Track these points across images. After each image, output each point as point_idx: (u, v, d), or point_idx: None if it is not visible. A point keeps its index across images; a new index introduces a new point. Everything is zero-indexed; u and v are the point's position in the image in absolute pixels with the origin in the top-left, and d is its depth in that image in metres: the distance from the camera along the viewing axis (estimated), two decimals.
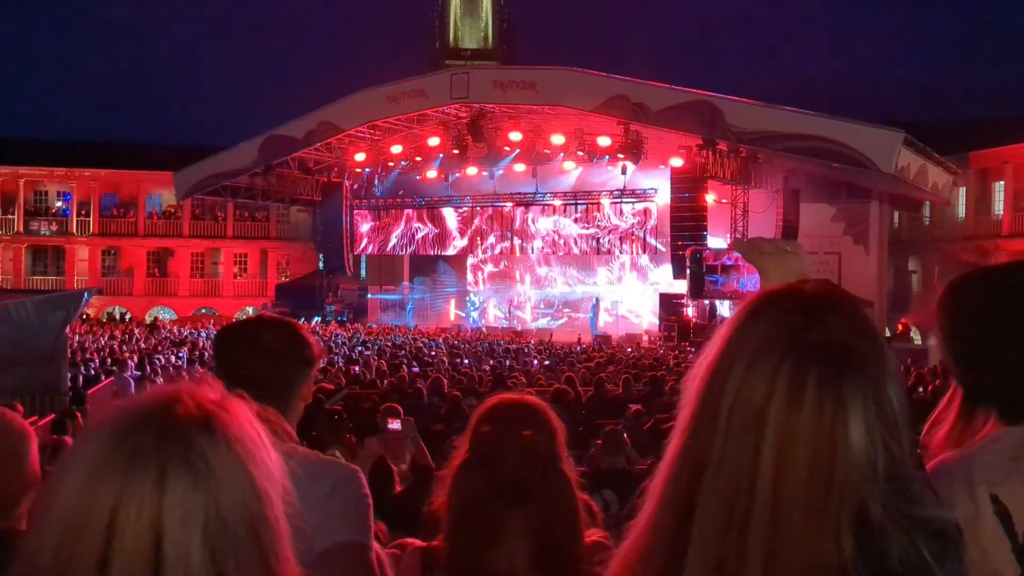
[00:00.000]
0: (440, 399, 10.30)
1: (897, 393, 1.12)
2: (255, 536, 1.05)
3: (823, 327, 1.13)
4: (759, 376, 1.10)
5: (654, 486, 1.20)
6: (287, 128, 31.93)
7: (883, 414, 1.10)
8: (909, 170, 24.00)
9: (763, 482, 1.07)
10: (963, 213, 32.70)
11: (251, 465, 1.07)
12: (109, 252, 41.48)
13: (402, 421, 5.77)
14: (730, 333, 1.16)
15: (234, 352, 2.22)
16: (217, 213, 41.32)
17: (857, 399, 1.08)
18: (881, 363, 1.13)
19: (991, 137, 30.26)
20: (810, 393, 1.08)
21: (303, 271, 39.18)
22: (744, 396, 1.10)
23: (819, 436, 1.07)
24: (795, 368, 1.09)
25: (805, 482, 1.06)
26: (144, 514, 0.99)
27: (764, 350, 1.12)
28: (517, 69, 30.98)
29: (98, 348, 19.56)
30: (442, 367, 15.26)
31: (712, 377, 1.15)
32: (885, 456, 1.09)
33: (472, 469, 1.92)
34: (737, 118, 24.10)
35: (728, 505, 1.09)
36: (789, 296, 1.19)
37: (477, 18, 73.15)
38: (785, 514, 1.06)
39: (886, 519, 1.07)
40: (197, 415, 1.06)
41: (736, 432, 1.10)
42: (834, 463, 1.07)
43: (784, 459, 1.07)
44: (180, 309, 40.30)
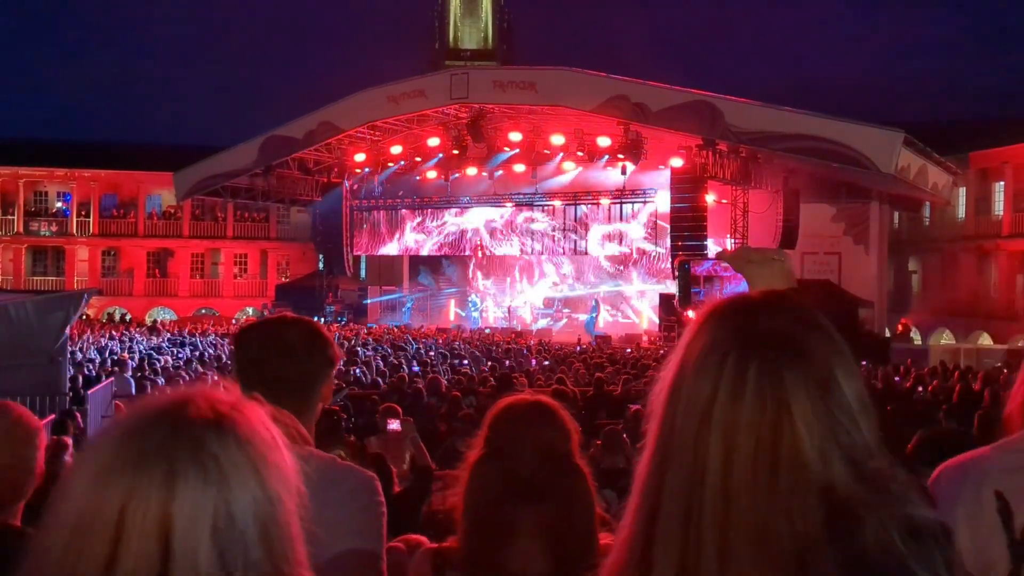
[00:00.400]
0: (439, 399, 10.31)
1: (851, 383, 1.13)
2: (265, 537, 1.04)
3: (766, 321, 1.15)
4: (705, 374, 1.13)
5: (631, 498, 1.21)
6: (287, 128, 31.93)
7: (834, 401, 1.11)
8: (909, 170, 24.00)
9: (712, 475, 1.09)
10: (963, 213, 32.70)
11: (263, 467, 1.06)
12: (109, 252, 41.50)
13: (401, 421, 5.78)
14: (685, 343, 1.20)
15: (255, 351, 2.18)
16: (217, 213, 41.32)
17: (799, 386, 1.10)
18: (829, 353, 1.14)
19: (991, 137, 30.28)
20: (751, 383, 1.10)
21: (303, 271, 39.19)
22: (693, 395, 1.13)
23: (762, 424, 1.09)
24: (737, 361, 1.12)
25: (751, 470, 1.08)
26: (152, 513, 0.99)
27: (710, 350, 1.14)
28: (517, 69, 30.98)
29: (99, 348, 19.56)
30: (440, 367, 15.26)
31: (671, 387, 1.18)
32: (845, 440, 1.10)
33: (488, 468, 1.92)
34: (737, 118, 24.10)
35: (684, 501, 1.11)
36: (737, 300, 1.22)
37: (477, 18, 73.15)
38: (735, 502, 1.08)
39: (859, 507, 1.08)
40: (209, 416, 1.06)
41: (687, 429, 1.13)
42: (778, 449, 1.08)
43: (730, 449, 1.09)
44: (180, 310, 40.31)
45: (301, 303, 33.89)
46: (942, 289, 32.23)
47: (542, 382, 13.15)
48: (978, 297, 31.16)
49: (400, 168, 34.27)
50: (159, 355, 18.07)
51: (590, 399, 11.15)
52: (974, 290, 31.29)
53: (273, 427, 1.13)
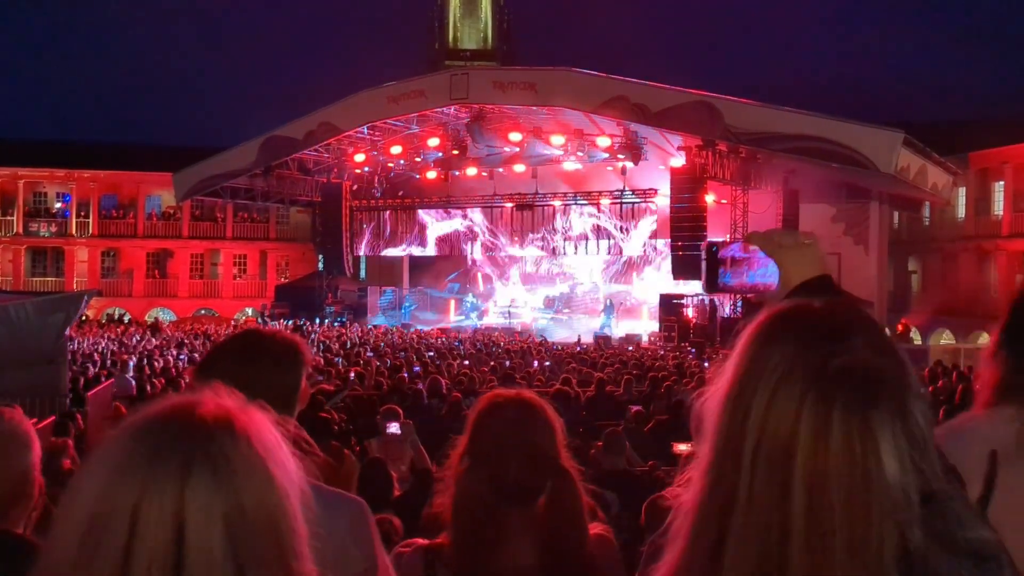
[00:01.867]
0: (440, 400, 10.30)
1: (923, 411, 1.08)
2: (275, 532, 1.07)
3: (844, 352, 1.07)
4: (782, 410, 1.05)
5: (679, 524, 1.15)
6: (287, 129, 31.92)
7: (911, 436, 1.05)
8: (909, 170, 23.99)
9: (796, 522, 1.02)
10: (963, 213, 32.70)
11: (271, 464, 1.09)
12: (108, 253, 41.47)
13: (401, 424, 5.77)
14: (744, 360, 1.11)
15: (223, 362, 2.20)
16: (216, 214, 41.30)
17: (885, 426, 1.03)
18: (906, 383, 1.08)
19: (991, 137, 30.28)
20: (837, 425, 1.03)
21: (303, 272, 39.17)
22: (769, 432, 1.05)
23: (852, 471, 1.02)
24: (819, 399, 1.04)
25: (842, 518, 1.01)
26: (167, 509, 1.01)
27: (785, 381, 1.06)
28: (516, 70, 30.97)
29: (98, 349, 19.55)
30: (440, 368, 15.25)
31: (731, 409, 1.10)
32: (918, 479, 1.05)
33: (475, 471, 1.92)
34: (737, 119, 24.09)
35: (761, 546, 1.04)
36: (804, 317, 1.13)
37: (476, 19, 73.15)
38: (825, 553, 1.01)
39: (927, 546, 1.03)
40: (219, 415, 1.09)
41: (763, 470, 1.05)
42: (870, 496, 1.02)
43: (817, 496, 1.02)
44: (180, 310, 40.30)
45: (301, 304, 33.90)
46: (942, 289, 32.23)
47: (542, 382, 13.15)
48: (978, 297, 31.14)
49: (400, 168, 34.25)
50: (160, 356, 18.06)
51: (591, 400, 11.14)
52: (974, 290, 31.28)
53: (277, 430, 1.15)
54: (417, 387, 11.27)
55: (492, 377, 13.48)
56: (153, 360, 16.77)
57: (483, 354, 20.19)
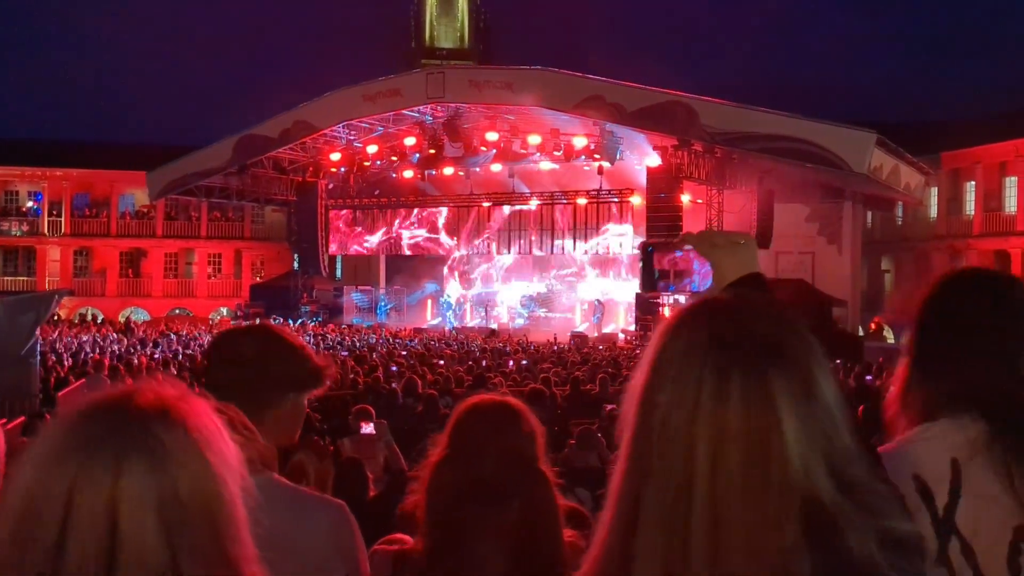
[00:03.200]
0: (415, 399, 10.27)
1: (829, 384, 1.12)
2: (211, 519, 1.07)
3: (742, 325, 1.13)
4: (685, 383, 1.10)
5: (605, 509, 1.19)
6: (262, 128, 31.73)
7: (817, 405, 1.09)
8: (882, 170, 24.21)
9: (700, 485, 1.07)
10: (935, 213, 33.04)
11: (208, 452, 1.09)
12: (81, 253, 41.05)
13: (375, 423, 5.75)
14: (656, 350, 1.16)
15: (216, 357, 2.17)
16: (191, 213, 40.99)
17: (785, 391, 1.07)
18: (809, 355, 1.12)
19: (962, 138, 30.60)
20: (736, 390, 1.07)
21: (278, 271, 38.95)
22: (674, 403, 1.10)
23: (750, 432, 1.06)
24: (719, 368, 1.09)
25: (741, 479, 1.05)
26: (100, 495, 1.01)
27: (687, 358, 1.11)
28: (493, 69, 30.98)
29: (70, 350, 19.34)
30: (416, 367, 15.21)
31: (642, 392, 1.15)
32: (826, 445, 1.08)
33: (450, 468, 1.90)
34: (712, 118, 24.21)
35: (668, 513, 1.08)
36: (707, 304, 1.19)
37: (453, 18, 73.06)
38: (725, 513, 1.05)
39: (839, 518, 1.06)
40: (155, 404, 1.10)
41: (670, 440, 1.10)
42: (769, 456, 1.06)
43: (718, 459, 1.06)
44: (153, 310, 39.94)
45: (276, 303, 33.73)
46: (915, 288, 32.49)
47: (518, 381, 13.14)
48: None
49: (376, 167, 34.14)
50: (132, 355, 17.89)
51: (567, 398, 11.15)
52: None
53: (217, 417, 1.15)
54: (392, 387, 11.23)
55: (468, 377, 13.46)
56: (126, 360, 16.61)
57: (459, 353, 20.16)
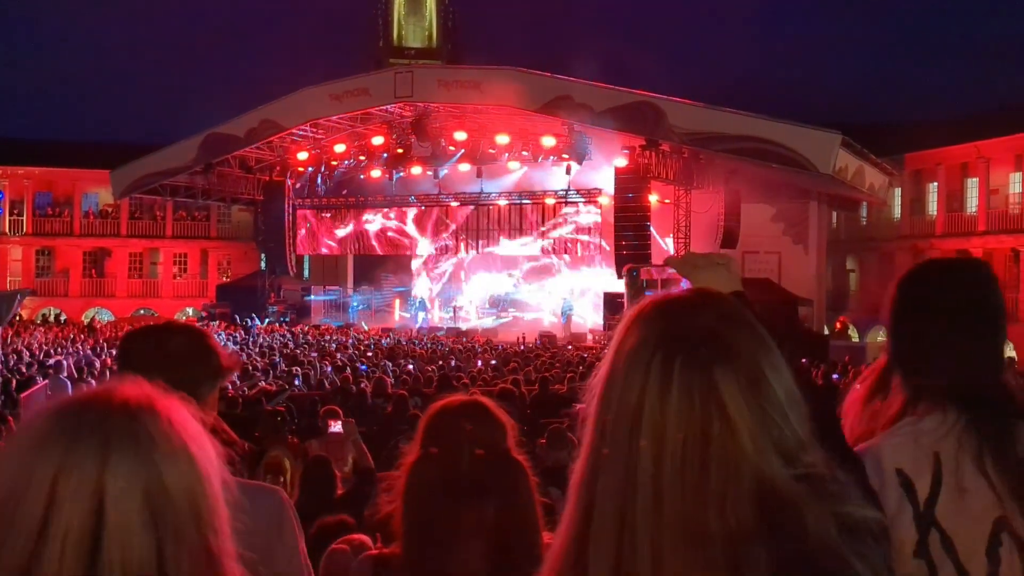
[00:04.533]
0: (385, 400, 10.24)
1: (779, 377, 1.14)
2: (194, 509, 1.08)
3: (689, 319, 1.16)
4: (633, 375, 1.13)
5: (567, 502, 1.21)
6: (227, 126, 31.43)
7: (764, 396, 1.11)
8: (847, 171, 24.48)
9: (643, 474, 1.10)
10: (899, 213, 33.48)
11: (192, 444, 1.10)
12: (43, 252, 40.45)
13: (343, 423, 5.72)
14: (614, 346, 1.20)
15: (138, 358, 2.15)
16: (156, 212, 40.51)
17: (730, 381, 1.10)
18: (756, 348, 1.15)
19: (925, 140, 31.02)
20: (677, 379, 1.10)
21: (245, 271, 38.61)
22: (624, 398, 1.13)
23: (691, 421, 1.09)
24: (663, 360, 1.12)
25: (680, 467, 1.08)
26: (86, 483, 1.02)
27: (637, 350, 1.15)
28: (461, 68, 30.95)
29: (32, 350, 19.06)
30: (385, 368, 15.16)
31: (600, 386, 1.19)
32: (777, 435, 1.11)
33: (426, 467, 1.90)
34: (679, 119, 24.35)
35: (618, 503, 1.11)
36: (662, 300, 1.22)
37: (421, 17, 72.88)
38: (666, 501, 1.08)
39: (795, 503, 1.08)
40: (140, 397, 1.10)
41: (617, 431, 1.13)
42: (708, 445, 1.08)
43: (659, 448, 1.09)
44: (118, 310, 39.45)
45: (242, 303, 33.42)
46: (879, 287, 32.89)
47: (487, 381, 13.13)
48: None
49: (344, 167, 33.96)
50: (96, 356, 17.67)
51: (536, 398, 11.18)
52: None
53: (198, 418, 1.16)
54: (361, 387, 11.20)
55: (437, 377, 13.44)
56: (89, 361, 16.40)
57: (428, 353, 20.12)
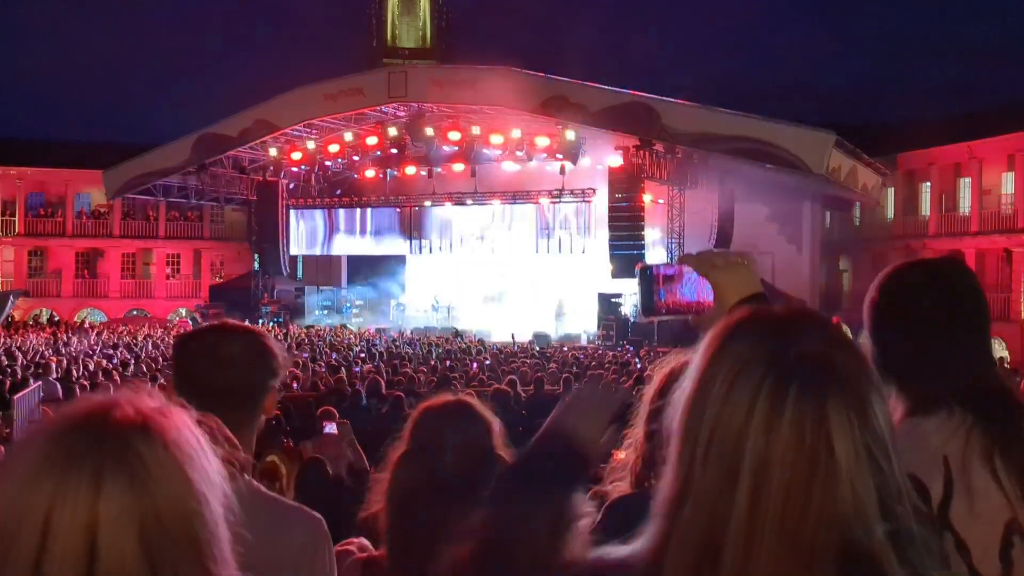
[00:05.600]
0: (379, 401, 10.23)
1: (883, 409, 1.07)
2: (192, 537, 1.05)
3: (802, 343, 1.07)
4: (738, 400, 1.04)
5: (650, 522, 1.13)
6: (221, 126, 31.36)
7: (870, 430, 1.04)
8: (840, 171, 24.53)
9: (738, 512, 1.01)
10: (892, 214, 33.53)
11: (189, 468, 1.07)
12: (36, 253, 40.29)
13: (338, 424, 5.71)
14: (706, 360, 1.10)
15: (195, 361, 2.11)
16: (149, 213, 40.36)
17: (841, 414, 1.02)
18: (865, 377, 1.07)
19: (918, 140, 31.07)
20: (789, 410, 1.01)
21: (238, 272, 38.50)
22: (723, 422, 1.04)
23: (798, 457, 1.00)
24: (775, 387, 1.03)
25: (781, 509, 0.99)
26: (79, 514, 0.99)
27: (742, 373, 1.05)
28: (455, 68, 30.91)
29: (24, 352, 18.99)
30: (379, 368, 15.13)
31: (693, 403, 1.09)
32: (877, 479, 1.03)
33: (411, 464, 1.91)
34: (673, 119, 24.38)
35: (702, 540, 1.03)
36: (763, 317, 1.14)
37: (415, 16, 72.77)
38: (758, 546, 0.99)
39: (879, 562, 1.01)
40: (135, 418, 1.07)
41: (714, 460, 1.04)
42: (812, 487, 1.00)
43: (761, 484, 1.00)
44: (110, 311, 39.31)
45: (236, 304, 33.29)
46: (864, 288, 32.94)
47: (483, 381, 13.13)
48: None
49: (338, 167, 33.88)
50: (89, 357, 17.61)
51: (531, 399, 11.17)
52: None
53: (199, 431, 1.13)
54: (356, 387, 11.18)
55: (432, 378, 13.43)
56: (81, 362, 16.34)
57: (423, 354, 20.10)
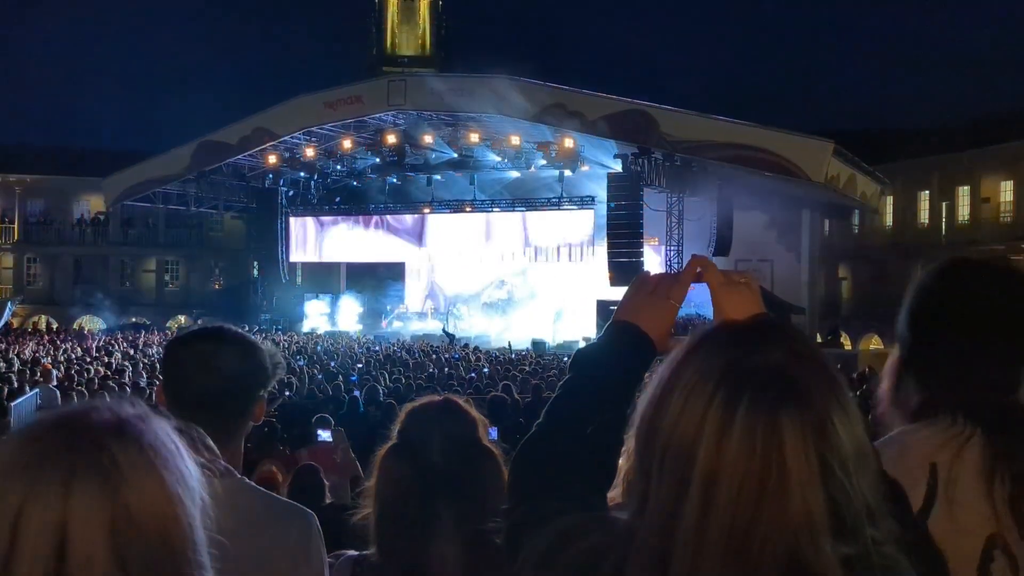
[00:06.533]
0: (377, 408, 10.22)
1: (848, 424, 1.01)
2: (166, 541, 1.04)
3: (759, 354, 1.03)
4: (692, 410, 1.01)
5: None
6: (221, 134, 31.39)
7: (828, 443, 0.99)
8: (839, 179, 24.56)
9: (687, 522, 0.98)
10: (891, 221, 33.56)
11: (164, 472, 1.06)
12: (34, 260, 40.33)
13: (332, 431, 5.71)
14: (667, 372, 1.08)
15: (183, 366, 2.09)
16: (148, 220, 40.43)
17: (795, 425, 0.98)
18: (827, 390, 1.02)
19: (917, 148, 31.12)
20: (740, 420, 0.98)
21: (237, 279, 38.52)
22: (677, 433, 1.02)
23: (749, 466, 0.97)
24: (727, 397, 1.00)
25: (730, 520, 0.97)
26: (49, 515, 0.98)
27: (698, 384, 1.03)
28: (454, 76, 30.95)
29: (23, 358, 18.98)
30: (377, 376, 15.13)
31: (649, 416, 1.07)
32: (835, 492, 0.98)
33: (397, 458, 1.93)
34: (672, 127, 24.41)
35: (654, 550, 1.01)
36: (724, 328, 1.12)
37: (414, 25, 72.91)
38: (706, 556, 0.97)
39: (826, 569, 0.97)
40: (110, 421, 1.06)
41: (668, 471, 1.01)
42: (762, 497, 0.97)
43: (710, 494, 0.98)
44: (109, 318, 39.29)
45: (235, 311, 33.32)
46: (871, 295, 32.98)
47: (480, 388, 13.12)
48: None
49: (337, 174, 33.90)
50: (87, 364, 17.61)
51: (529, 405, 11.16)
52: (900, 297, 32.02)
53: (177, 437, 1.12)
54: (354, 395, 11.17)
55: (429, 384, 13.42)
56: (79, 369, 16.34)
57: (420, 361, 20.08)
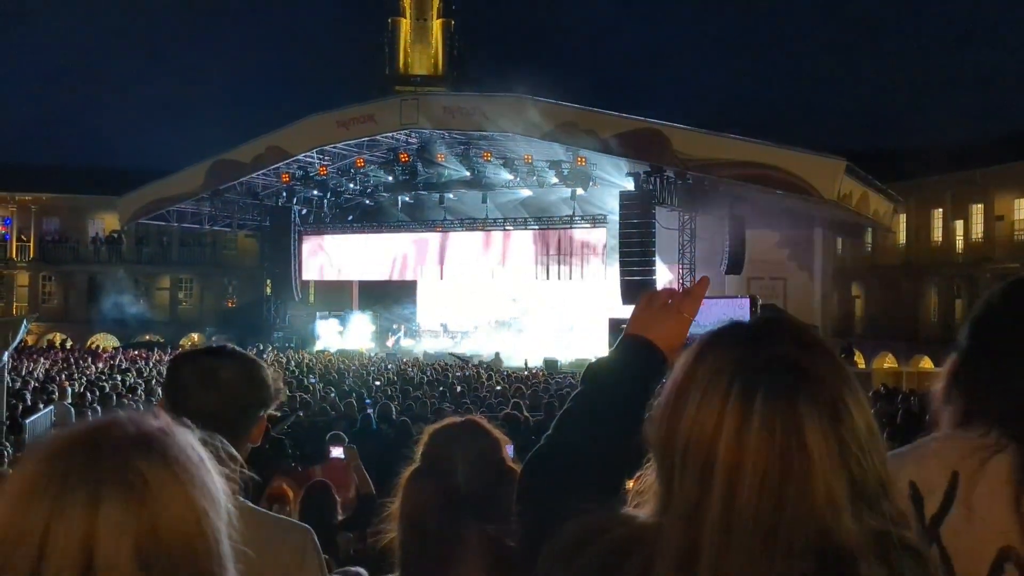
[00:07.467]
0: (389, 426, 10.22)
1: (860, 409, 1.06)
2: (192, 555, 1.03)
3: (769, 347, 1.08)
4: (710, 404, 1.05)
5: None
6: (234, 153, 31.58)
7: (844, 426, 1.04)
8: (851, 197, 24.50)
9: (713, 514, 1.01)
10: (904, 240, 33.43)
11: (190, 485, 1.05)
12: (49, 278, 40.57)
13: (344, 448, 5.71)
14: (681, 373, 1.12)
15: (184, 382, 2.12)
16: (161, 238, 40.64)
17: (812, 411, 1.02)
18: (838, 376, 1.07)
19: (930, 166, 31.04)
20: (759, 411, 1.02)
21: (250, 297, 38.65)
22: (697, 429, 1.05)
23: (770, 455, 1.01)
24: (743, 390, 1.04)
25: (755, 508, 1.00)
26: (75, 532, 0.98)
27: (713, 381, 1.07)
28: (467, 96, 31.06)
29: (37, 376, 19.07)
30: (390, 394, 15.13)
31: (669, 420, 1.10)
32: (858, 473, 1.03)
33: (422, 480, 1.89)
34: (684, 145, 24.42)
35: (680, 547, 1.03)
36: (733, 328, 1.15)
37: (427, 45, 73.36)
38: (734, 545, 1.00)
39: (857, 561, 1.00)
40: (135, 435, 1.05)
41: (690, 468, 1.05)
42: (785, 483, 1.00)
43: (734, 485, 1.01)
44: (123, 336, 39.48)
45: (248, 329, 33.41)
46: (884, 313, 32.84)
47: (492, 407, 13.09)
48: (918, 322, 31.80)
49: (350, 193, 34.03)
50: (102, 382, 17.67)
51: (540, 424, 11.13)
52: (914, 315, 31.93)
53: (202, 449, 1.11)
54: (367, 412, 11.17)
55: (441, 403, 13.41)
56: (94, 386, 16.39)
57: (433, 380, 20.07)
